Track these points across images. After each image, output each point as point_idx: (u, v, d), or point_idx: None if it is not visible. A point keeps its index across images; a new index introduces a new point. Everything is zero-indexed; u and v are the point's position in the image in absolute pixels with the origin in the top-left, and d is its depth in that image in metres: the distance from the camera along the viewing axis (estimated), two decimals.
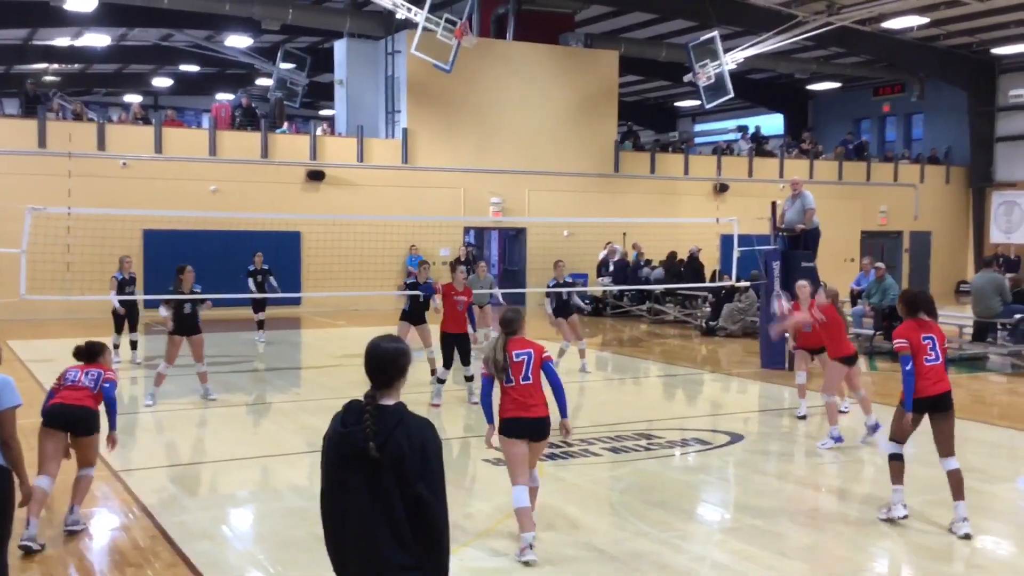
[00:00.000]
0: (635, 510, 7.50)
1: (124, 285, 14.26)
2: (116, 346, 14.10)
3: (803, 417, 11.02)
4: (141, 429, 10.61)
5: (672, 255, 23.26)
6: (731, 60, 24.57)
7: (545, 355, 6.53)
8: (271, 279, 17.50)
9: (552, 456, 9.17)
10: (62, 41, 29.91)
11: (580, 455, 9.24)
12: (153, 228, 21.96)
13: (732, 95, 24.95)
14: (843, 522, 7.22)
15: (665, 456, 9.43)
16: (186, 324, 11.58)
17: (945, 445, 6.89)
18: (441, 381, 11.76)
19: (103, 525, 7.06)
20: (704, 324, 20.30)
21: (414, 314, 13.15)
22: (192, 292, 11.61)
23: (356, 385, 11.47)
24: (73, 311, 19.15)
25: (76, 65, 33.63)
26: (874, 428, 9.72)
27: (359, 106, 26.38)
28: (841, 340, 9.93)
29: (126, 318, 14.62)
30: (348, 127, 26.06)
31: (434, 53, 22.15)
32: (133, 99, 34.63)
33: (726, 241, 23.38)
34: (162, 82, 35.97)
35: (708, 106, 25.87)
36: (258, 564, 6.28)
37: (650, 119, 41.35)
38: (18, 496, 5.08)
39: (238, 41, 27.97)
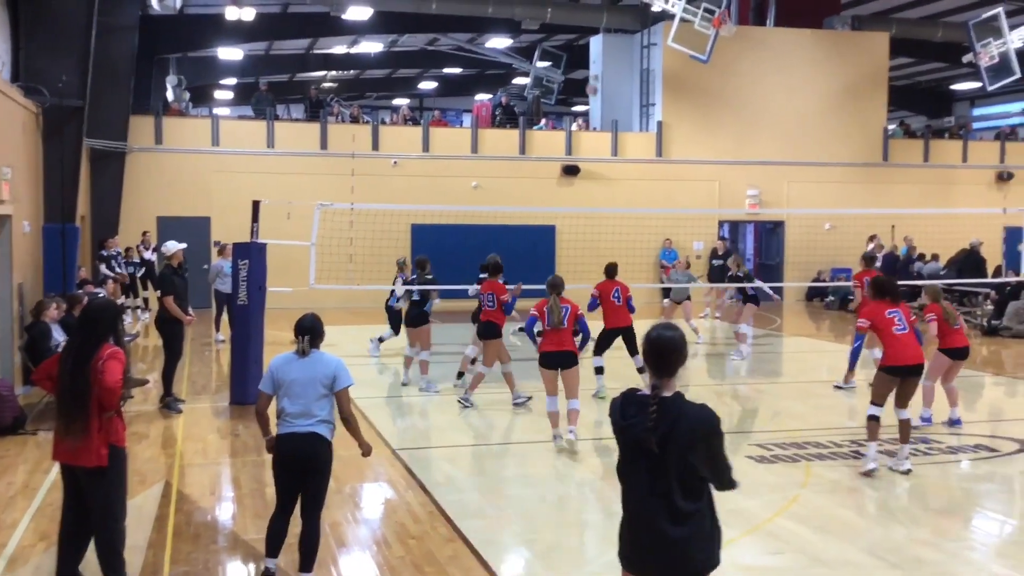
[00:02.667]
0: (915, 516, 7.10)
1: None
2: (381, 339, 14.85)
3: None
4: (413, 412, 11.26)
5: (963, 251, 21.69)
6: (1017, 38, 22.55)
7: (580, 312, 9.23)
8: None
9: (820, 456, 8.85)
10: (339, 49, 32.19)
11: (850, 456, 8.85)
12: (420, 223, 23.19)
13: (1019, 75, 22.89)
14: None
15: (945, 462, 8.84)
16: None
17: (903, 400, 8.24)
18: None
19: (384, 498, 7.57)
20: (986, 323, 18.79)
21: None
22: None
23: (616, 375, 11.59)
24: (353, 300, 20.60)
25: (351, 71, 36.09)
26: None
27: (614, 101, 26.52)
28: None
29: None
30: (603, 122, 26.28)
31: (691, 44, 21.87)
32: (401, 102, 36.70)
33: (1012, 234, 21.55)
34: (427, 85, 37.85)
35: (990, 88, 23.91)
36: (529, 544, 6.50)
37: (922, 104, 38.65)
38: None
39: (498, 42, 28.92)
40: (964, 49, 23.86)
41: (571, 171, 24.75)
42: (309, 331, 5.63)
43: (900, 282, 18.01)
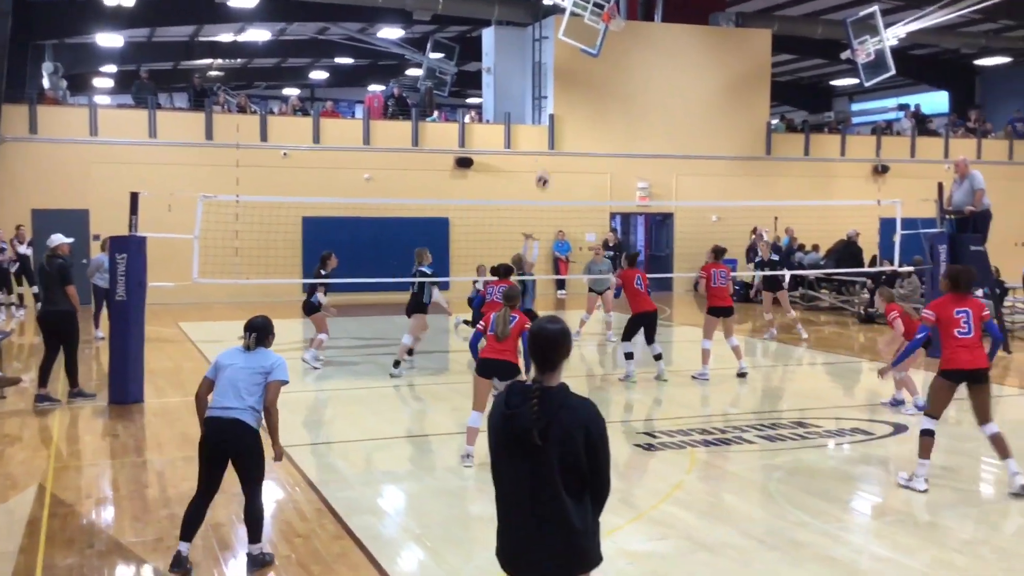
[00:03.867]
0: (794, 499, 7.32)
1: None
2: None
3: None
4: (303, 407, 11.07)
5: (840, 242, 22.50)
6: (892, 36, 23.49)
7: (526, 326, 8.12)
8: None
9: (705, 443, 9.06)
10: (226, 37, 31.37)
11: (734, 442, 9.09)
12: (311, 215, 22.81)
13: (893, 72, 23.85)
14: (1011, 516, 6.84)
15: (823, 446, 9.16)
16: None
17: (982, 414, 7.40)
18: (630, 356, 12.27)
19: (271, 497, 7.41)
20: (863, 311, 19.55)
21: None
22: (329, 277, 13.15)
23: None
24: (239, 295, 20.13)
25: (239, 60, 35.24)
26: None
27: (506, 93, 26.60)
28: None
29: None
30: (496, 114, 26.32)
31: (581, 38, 22.08)
32: (291, 92, 36.03)
33: (886, 225, 22.47)
34: (318, 74, 37.25)
35: (867, 84, 24.83)
36: (418, 540, 6.46)
37: (804, 99, 39.99)
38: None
39: (390, 32, 28.64)
40: (843, 46, 24.72)
41: (464, 163, 24.72)
42: (256, 329, 5.94)
43: (785, 271, 18.65)
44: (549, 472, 3.55)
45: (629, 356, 12.26)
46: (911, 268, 17.24)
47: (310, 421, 10.54)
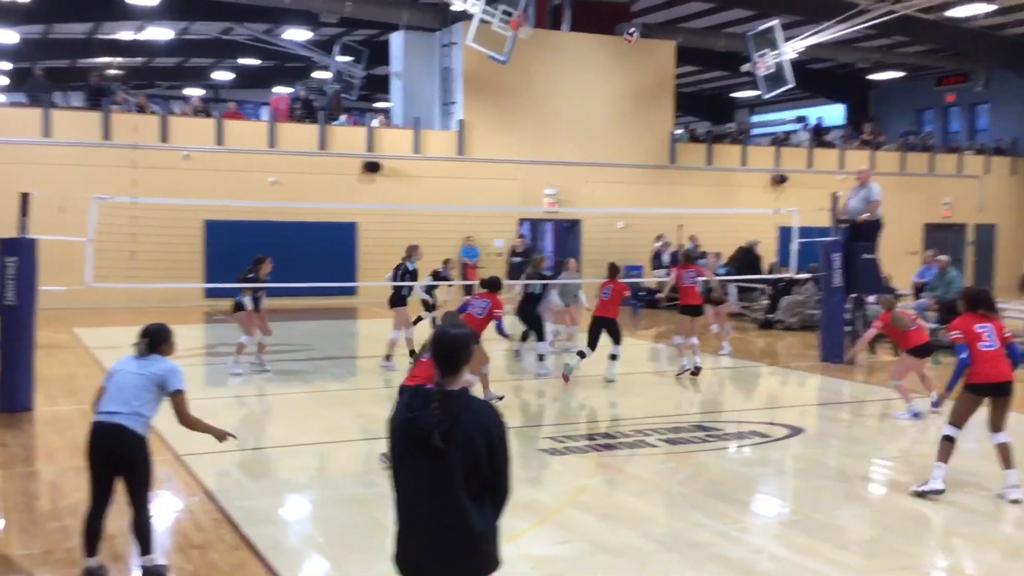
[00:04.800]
0: (694, 502, 7.46)
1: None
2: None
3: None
4: (202, 414, 10.78)
5: (741, 250, 23.02)
6: (791, 49, 24.20)
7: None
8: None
9: (609, 447, 9.16)
10: (125, 35, 30.50)
11: (637, 446, 9.22)
12: (214, 219, 22.31)
13: (792, 85, 24.56)
14: (904, 516, 7.10)
15: (723, 448, 9.36)
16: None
17: (997, 423, 7.48)
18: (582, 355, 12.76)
19: (167, 508, 7.22)
20: (762, 316, 20.07)
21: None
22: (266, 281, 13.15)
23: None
24: (136, 300, 19.55)
25: (139, 59, 34.29)
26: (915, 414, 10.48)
27: (415, 98, 26.51)
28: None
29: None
30: (404, 119, 26.20)
31: (490, 45, 22.15)
32: (194, 92, 35.23)
33: (784, 233, 23.10)
34: (223, 75, 36.50)
35: (767, 96, 25.50)
36: (320, 548, 6.37)
37: (707, 110, 40.93)
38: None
39: (297, 34, 28.27)
40: (744, 59, 25.35)
41: (372, 168, 24.53)
42: (149, 335, 5.82)
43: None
44: (450, 475, 3.55)
45: (581, 355, 12.75)
46: (807, 275, 17.78)
47: None
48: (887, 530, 6.85)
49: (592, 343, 12.67)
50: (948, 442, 7.45)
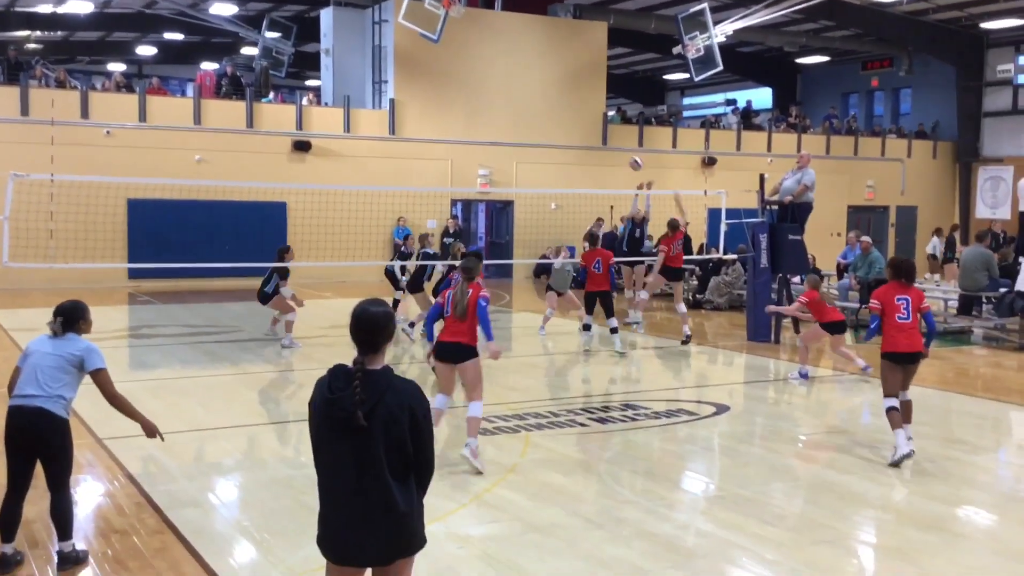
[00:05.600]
0: (621, 479, 7.52)
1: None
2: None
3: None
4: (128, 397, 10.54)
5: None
6: (720, 32, 24.40)
7: (482, 294, 7.76)
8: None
9: (539, 426, 9.19)
10: (44, 8, 29.46)
11: (567, 425, 9.26)
12: (138, 197, 21.78)
13: (721, 68, 24.78)
14: (828, 491, 7.26)
15: (651, 426, 9.46)
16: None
17: (905, 385, 8.20)
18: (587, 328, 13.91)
19: (89, 492, 7.04)
20: (691, 297, 20.32)
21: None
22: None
23: (341, 356, 11.44)
24: (56, 280, 19.00)
25: (59, 32, 33.18)
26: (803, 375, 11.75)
27: (346, 76, 26.15)
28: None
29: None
30: (335, 97, 25.84)
31: (422, 23, 21.93)
32: (117, 67, 34.23)
33: (713, 214, 23.38)
34: (146, 50, 35.54)
35: (697, 79, 25.70)
36: (245, 531, 6.27)
37: (639, 92, 41.17)
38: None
39: (223, 8, 27.62)
40: (675, 41, 25.50)
41: (302, 147, 24.17)
42: (63, 313, 5.61)
43: (621, 258, 19.21)
44: (374, 454, 3.54)
45: (587, 328, 13.84)
46: (735, 256, 18.04)
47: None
48: (812, 504, 6.99)
49: (589, 311, 13.79)
50: (894, 411, 7.99)
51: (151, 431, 5.85)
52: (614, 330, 13.61)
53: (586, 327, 14.01)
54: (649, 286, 15.96)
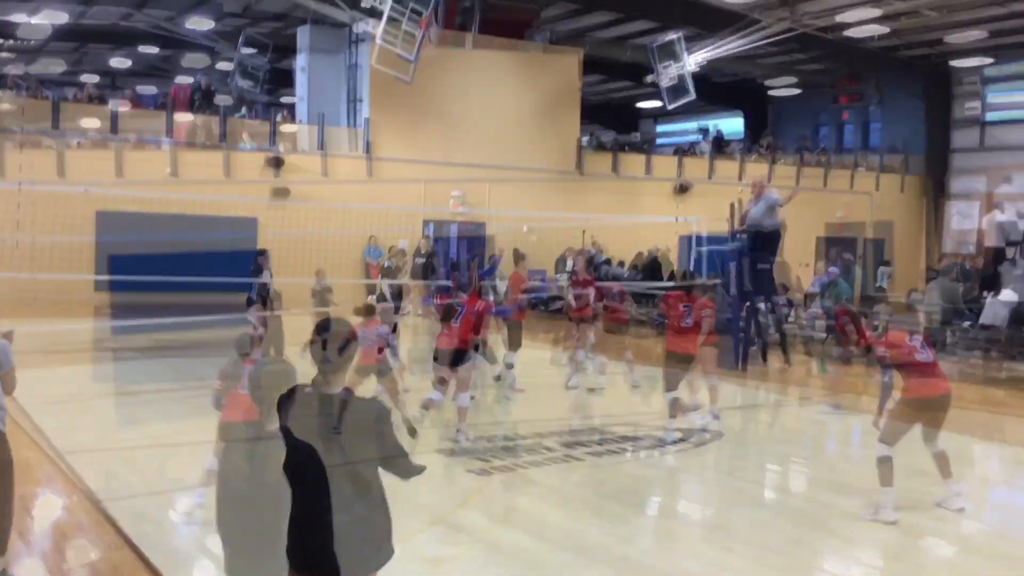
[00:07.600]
0: (589, 504, 7.51)
1: None
2: None
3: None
4: (87, 412, 10.40)
5: (643, 256, 23.36)
6: (693, 62, 24.69)
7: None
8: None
9: (508, 450, 9.16)
10: (18, 17, 29.20)
11: (536, 450, 9.22)
12: (107, 209, 21.52)
13: (693, 96, 25.05)
14: (792, 518, 7.27)
15: (619, 452, 9.44)
16: None
17: (935, 433, 7.11)
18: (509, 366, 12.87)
19: (46, 507, 6.91)
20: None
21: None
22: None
23: (310, 374, 11.36)
24: (23, 291, 18.72)
25: (32, 42, 32.88)
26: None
27: (321, 94, 26.11)
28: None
29: None
30: (309, 115, 25.79)
31: (395, 65, 21.94)
32: (90, 79, 33.94)
33: (685, 240, 23.54)
34: (121, 63, 35.29)
35: (670, 107, 25.93)
36: (204, 549, 6.18)
37: (613, 119, 41.41)
38: None
39: (199, 23, 27.52)
40: (648, 70, 25.76)
41: (276, 163, 24.05)
42: None
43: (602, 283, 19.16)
44: (340, 471, 3.52)
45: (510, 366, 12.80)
46: (707, 283, 18.10)
47: (85, 426, 9.91)
48: (774, 531, 7.00)
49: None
50: (888, 463, 7.01)
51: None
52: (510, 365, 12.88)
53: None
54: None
